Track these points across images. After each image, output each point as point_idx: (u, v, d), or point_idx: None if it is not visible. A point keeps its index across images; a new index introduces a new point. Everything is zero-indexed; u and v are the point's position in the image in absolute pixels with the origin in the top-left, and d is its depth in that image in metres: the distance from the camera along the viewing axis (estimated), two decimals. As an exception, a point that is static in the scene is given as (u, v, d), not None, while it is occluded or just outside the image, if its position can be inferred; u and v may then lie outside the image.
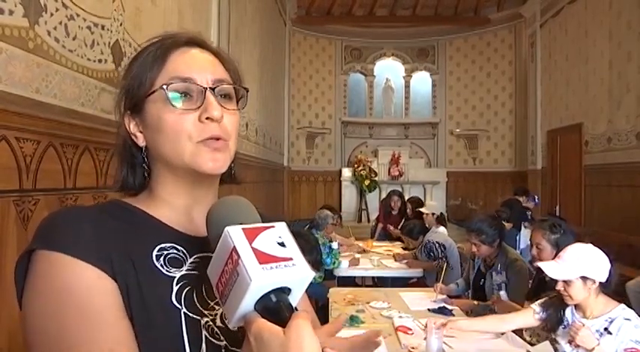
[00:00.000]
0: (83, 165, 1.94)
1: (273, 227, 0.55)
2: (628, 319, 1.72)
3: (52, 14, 1.81)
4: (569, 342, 1.79)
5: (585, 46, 6.74)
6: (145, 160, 0.71)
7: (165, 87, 0.66)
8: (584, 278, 1.79)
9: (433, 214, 4.81)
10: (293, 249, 0.54)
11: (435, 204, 5.18)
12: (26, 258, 0.59)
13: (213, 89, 0.67)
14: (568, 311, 1.90)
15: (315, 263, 2.54)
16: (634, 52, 5.49)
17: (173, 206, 0.71)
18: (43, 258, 0.58)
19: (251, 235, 0.53)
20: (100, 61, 2.18)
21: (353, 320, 2.44)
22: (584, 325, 1.73)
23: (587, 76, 6.67)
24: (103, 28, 2.21)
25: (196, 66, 0.68)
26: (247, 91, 0.74)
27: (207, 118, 0.66)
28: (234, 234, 0.52)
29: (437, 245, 3.96)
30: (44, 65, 1.77)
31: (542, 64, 8.37)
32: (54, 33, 1.83)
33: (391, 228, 5.42)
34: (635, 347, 1.66)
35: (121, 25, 2.38)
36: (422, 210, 5.08)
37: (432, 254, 3.96)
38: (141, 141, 0.70)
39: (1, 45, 1.53)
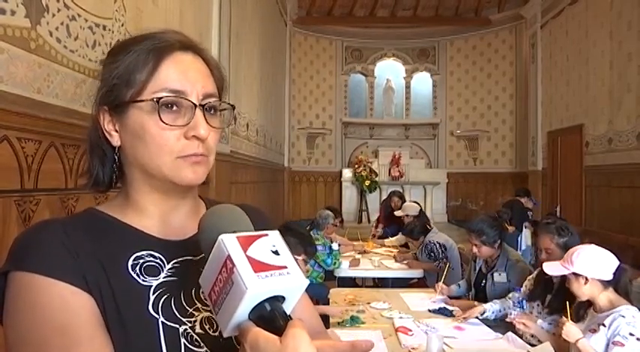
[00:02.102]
0: (84, 165, 1.94)
1: (266, 235, 0.55)
2: (623, 316, 1.79)
3: (53, 15, 1.81)
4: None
5: (586, 46, 6.74)
6: (116, 160, 0.70)
7: (156, 100, 0.64)
8: (575, 275, 1.90)
9: (407, 215, 4.75)
10: (287, 257, 0.54)
11: (413, 204, 5.01)
12: (2, 279, 0.60)
13: (202, 106, 0.66)
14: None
15: (312, 253, 2.61)
16: (634, 53, 5.49)
17: (150, 212, 0.70)
18: (18, 280, 0.59)
19: (245, 243, 0.52)
20: (101, 61, 2.18)
21: (353, 321, 2.44)
22: (568, 321, 1.85)
23: (588, 76, 6.66)
24: (104, 28, 2.22)
25: (189, 77, 0.66)
26: (234, 108, 0.73)
27: (193, 136, 0.65)
28: (229, 242, 0.52)
29: (438, 245, 3.95)
30: (46, 65, 1.77)
31: (543, 64, 8.37)
32: (55, 33, 1.83)
33: (375, 238, 5.43)
34: (621, 341, 1.73)
35: (122, 25, 2.38)
36: (397, 213, 5.01)
37: (432, 254, 3.95)
38: (115, 141, 0.69)
39: (3, 45, 1.54)
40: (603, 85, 6.22)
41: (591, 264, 1.88)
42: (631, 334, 1.73)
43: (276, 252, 0.53)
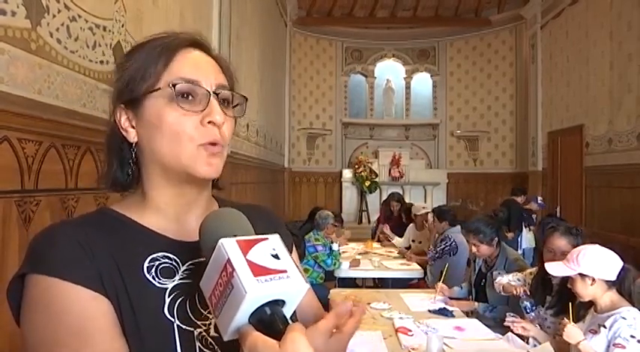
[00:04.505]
0: (85, 165, 1.94)
1: (266, 239, 0.55)
2: (624, 318, 1.78)
3: (54, 16, 1.82)
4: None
5: (586, 47, 6.74)
6: (133, 157, 0.70)
7: (172, 86, 0.65)
8: (582, 276, 1.87)
9: (427, 213, 4.71)
10: (287, 261, 0.54)
11: (425, 205, 5.01)
12: (19, 281, 0.60)
13: (217, 94, 0.67)
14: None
15: (303, 253, 2.65)
16: (635, 53, 5.49)
17: (165, 212, 0.70)
18: (36, 283, 0.58)
19: (245, 247, 0.53)
20: (101, 62, 2.18)
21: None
22: (569, 322, 1.83)
23: (588, 77, 6.66)
24: (104, 29, 2.22)
25: (201, 68, 0.68)
26: (246, 100, 0.74)
27: (209, 122, 0.66)
28: (229, 245, 0.52)
29: (454, 243, 3.90)
30: (46, 66, 1.77)
31: (543, 65, 8.37)
32: (56, 34, 1.83)
33: (387, 232, 5.39)
34: (622, 344, 1.72)
35: (122, 26, 2.39)
36: (416, 212, 4.94)
37: (441, 246, 3.93)
38: (132, 137, 0.69)
39: (4, 46, 1.54)
40: (603, 86, 6.22)
41: (598, 264, 1.85)
42: (632, 336, 1.72)
43: (276, 256, 0.53)
